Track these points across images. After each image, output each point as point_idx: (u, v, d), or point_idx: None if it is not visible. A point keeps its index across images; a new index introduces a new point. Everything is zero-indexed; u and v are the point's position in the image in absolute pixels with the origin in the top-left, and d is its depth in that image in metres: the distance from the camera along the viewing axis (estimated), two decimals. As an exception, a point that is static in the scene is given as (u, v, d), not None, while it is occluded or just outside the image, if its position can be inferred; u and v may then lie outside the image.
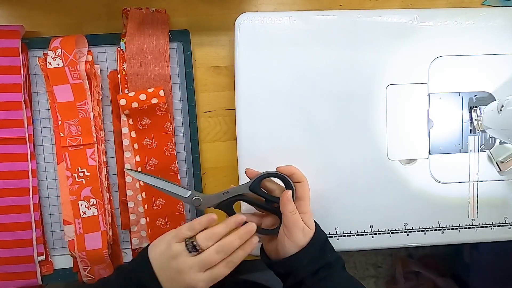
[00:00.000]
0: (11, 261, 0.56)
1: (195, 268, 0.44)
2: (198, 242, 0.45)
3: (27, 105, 0.56)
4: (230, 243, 0.46)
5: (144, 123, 0.56)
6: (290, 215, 0.48)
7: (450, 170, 0.58)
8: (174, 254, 0.45)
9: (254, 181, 0.50)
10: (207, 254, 0.45)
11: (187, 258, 0.45)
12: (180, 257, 0.45)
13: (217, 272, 0.46)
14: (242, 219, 0.47)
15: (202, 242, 0.45)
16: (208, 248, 0.45)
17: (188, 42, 0.58)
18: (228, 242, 0.46)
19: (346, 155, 0.57)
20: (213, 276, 0.45)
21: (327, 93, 0.57)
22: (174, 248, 0.45)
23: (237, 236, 0.46)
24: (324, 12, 0.56)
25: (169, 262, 0.45)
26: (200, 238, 0.45)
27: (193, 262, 0.44)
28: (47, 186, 0.57)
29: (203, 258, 0.45)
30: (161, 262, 0.45)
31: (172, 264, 0.45)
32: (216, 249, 0.45)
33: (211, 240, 0.45)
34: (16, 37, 0.54)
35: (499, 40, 0.58)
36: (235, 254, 0.46)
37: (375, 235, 0.58)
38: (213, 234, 0.45)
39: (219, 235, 0.46)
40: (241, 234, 0.46)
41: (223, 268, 0.46)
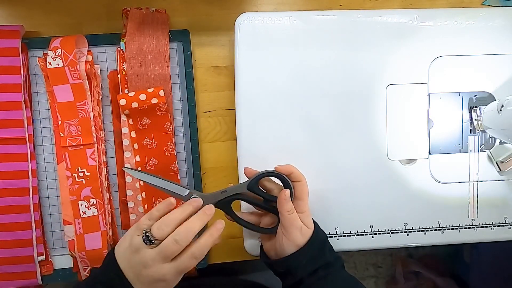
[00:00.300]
0: (11, 261, 0.56)
1: (157, 260, 0.42)
2: (153, 232, 0.42)
3: (27, 105, 0.56)
4: (188, 228, 0.43)
5: (144, 123, 0.56)
6: (287, 214, 0.48)
7: (450, 170, 0.58)
8: (135, 248, 0.43)
9: (252, 180, 0.50)
10: (164, 244, 0.42)
11: (148, 250, 0.42)
12: (141, 251, 0.42)
13: (181, 263, 0.43)
14: (199, 201, 0.45)
15: (155, 232, 0.42)
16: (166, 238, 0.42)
17: (188, 42, 0.58)
18: (185, 228, 0.43)
19: (346, 155, 0.57)
20: (179, 268, 0.43)
21: (327, 93, 0.57)
22: (134, 242, 0.43)
23: (196, 218, 0.44)
24: (324, 12, 0.56)
25: (133, 257, 0.43)
26: (154, 228, 0.42)
27: (153, 254, 0.42)
28: (47, 186, 0.57)
29: (162, 249, 0.42)
30: (126, 259, 0.43)
31: (135, 259, 0.43)
32: (174, 237, 0.42)
33: (165, 227, 0.42)
34: (16, 37, 0.54)
35: (499, 40, 0.58)
36: (199, 243, 0.44)
37: (375, 235, 0.58)
38: (167, 221, 0.43)
39: (174, 221, 0.43)
40: (199, 216, 0.44)
41: (188, 259, 0.43)
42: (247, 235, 0.57)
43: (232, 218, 0.51)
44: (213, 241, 0.45)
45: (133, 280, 0.43)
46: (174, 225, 0.43)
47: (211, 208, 0.46)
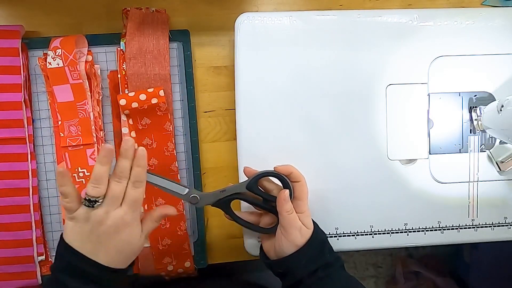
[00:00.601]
0: (11, 261, 0.56)
1: (109, 208, 0.43)
2: (90, 194, 0.42)
3: (27, 105, 0.56)
4: (122, 166, 0.44)
5: (144, 123, 0.56)
6: (286, 214, 0.48)
7: (450, 170, 0.58)
8: (83, 218, 0.43)
9: (251, 180, 0.50)
10: (110, 190, 0.43)
11: (97, 210, 0.43)
12: (91, 215, 0.43)
13: (130, 197, 0.44)
14: (109, 148, 0.43)
15: (93, 192, 0.42)
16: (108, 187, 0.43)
17: (188, 42, 0.58)
18: (119, 168, 0.44)
19: (346, 155, 0.57)
20: (131, 202, 0.44)
21: (327, 93, 0.57)
22: (79, 215, 0.43)
23: (121, 157, 0.44)
24: (324, 12, 0.56)
25: (85, 227, 0.43)
26: (89, 190, 0.43)
27: (104, 207, 0.43)
28: (47, 186, 0.57)
29: (110, 196, 0.43)
30: (79, 236, 0.43)
31: (88, 227, 0.43)
32: (115, 180, 0.43)
33: (99, 184, 0.43)
34: (16, 37, 0.54)
35: (499, 40, 0.58)
36: (134, 172, 0.45)
37: (375, 235, 0.58)
38: (98, 179, 0.43)
39: (103, 176, 0.43)
40: (123, 155, 0.44)
41: (132, 190, 0.44)
42: (247, 235, 0.57)
43: (231, 218, 0.52)
44: (143, 168, 0.45)
45: (93, 253, 0.43)
46: (105, 179, 0.43)
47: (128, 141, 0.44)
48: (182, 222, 0.57)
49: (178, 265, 0.58)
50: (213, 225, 0.61)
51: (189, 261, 0.58)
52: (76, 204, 0.44)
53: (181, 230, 0.57)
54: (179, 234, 0.57)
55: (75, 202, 0.44)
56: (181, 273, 0.59)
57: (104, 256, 0.43)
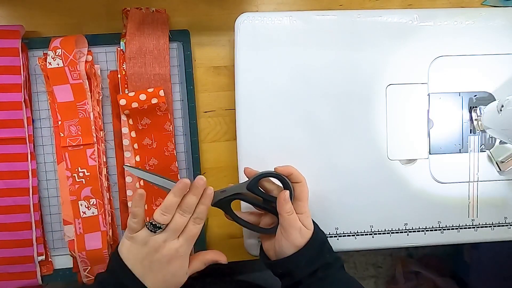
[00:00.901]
0: (11, 261, 0.56)
1: (168, 238, 0.45)
2: (157, 219, 0.45)
3: (27, 105, 0.56)
4: (189, 202, 0.46)
5: (144, 123, 0.56)
6: (286, 215, 0.48)
7: (450, 170, 0.58)
8: (142, 241, 0.45)
9: (251, 180, 0.50)
10: (174, 221, 0.46)
11: (157, 236, 0.45)
12: (150, 240, 0.45)
13: (189, 232, 0.46)
14: (186, 183, 0.46)
15: (160, 218, 0.45)
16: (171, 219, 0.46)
17: (188, 42, 0.58)
18: (186, 202, 0.46)
19: (346, 155, 0.57)
20: (188, 237, 0.46)
21: (327, 93, 0.57)
22: (139, 237, 0.45)
23: (191, 194, 0.46)
24: (324, 12, 0.56)
25: (142, 250, 0.45)
26: (157, 216, 0.45)
27: (164, 235, 0.45)
28: (47, 186, 0.57)
29: (173, 227, 0.45)
30: (134, 256, 0.45)
31: (144, 250, 0.45)
32: (180, 212, 0.46)
33: (168, 212, 0.45)
34: (16, 37, 0.54)
35: (499, 40, 0.58)
36: (198, 210, 0.47)
37: (375, 235, 0.58)
38: (168, 207, 0.45)
39: (173, 206, 0.46)
40: (194, 192, 0.46)
41: (193, 226, 0.47)
42: (247, 235, 0.57)
43: (232, 218, 0.51)
44: (207, 207, 0.48)
45: (143, 276, 0.45)
46: (174, 209, 0.46)
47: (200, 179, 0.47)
48: (182, 222, 0.57)
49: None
50: (213, 225, 0.61)
51: (189, 261, 0.58)
52: (140, 226, 0.46)
53: None
54: None
55: (140, 223, 0.46)
56: (181, 273, 0.59)
57: (151, 283, 0.45)
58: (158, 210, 0.45)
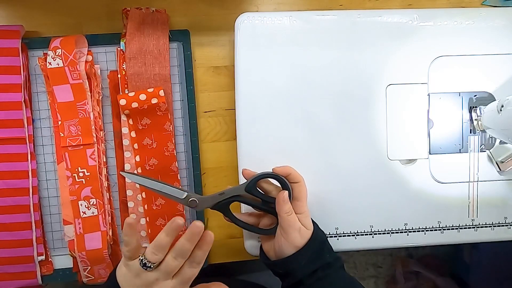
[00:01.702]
0: (11, 261, 0.56)
1: (160, 278, 0.43)
2: (148, 258, 0.43)
3: (27, 105, 0.56)
4: (182, 246, 0.43)
5: (144, 123, 0.56)
6: (285, 216, 0.48)
7: (450, 170, 0.58)
8: (135, 272, 0.44)
9: (249, 182, 0.50)
10: (165, 264, 0.43)
11: (148, 273, 0.43)
12: (142, 274, 0.44)
13: (185, 274, 0.44)
14: (178, 224, 0.43)
15: (151, 257, 0.43)
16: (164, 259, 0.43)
17: (188, 42, 0.58)
18: (180, 246, 0.44)
19: (346, 155, 0.57)
20: (183, 280, 0.44)
21: (327, 93, 0.57)
22: (133, 267, 0.44)
23: (185, 239, 0.44)
24: (324, 12, 0.56)
25: (134, 280, 0.44)
26: (148, 254, 0.43)
27: (156, 274, 0.43)
28: (47, 186, 0.57)
29: (164, 269, 0.43)
30: (127, 283, 0.44)
31: (137, 282, 0.44)
32: (173, 255, 0.43)
33: (158, 252, 0.43)
34: (16, 37, 0.54)
35: (499, 40, 0.58)
36: (195, 254, 0.44)
37: (375, 235, 0.58)
38: (158, 247, 0.43)
39: (165, 246, 0.43)
40: (188, 237, 0.44)
41: (189, 269, 0.44)
42: (247, 236, 0.57)
43: (231, 220, 0.51)
44: (205, 253, 0.45)
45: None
46: (166, 248, 0.43)
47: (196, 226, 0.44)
48: (182, 222, 0.57)
49: (178, 265, 0.58)
50: (213, 225, 0.61)
51: (189, 261, 0.58)
52: (134, 255, 0.44)
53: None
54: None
55: (133, 252, 0.44)
56: (181, 273, 0.59)
57: None
58: (150, 248, 0.43)
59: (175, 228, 0.43)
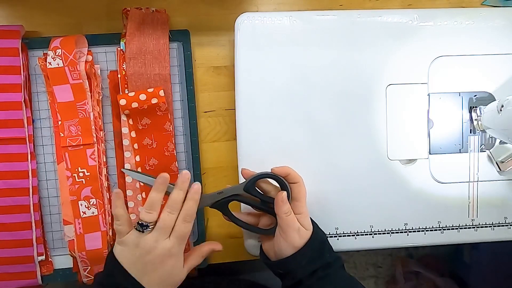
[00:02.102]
0: (11, 261, 0.56)
1: (159, 238, 0.45)
2: (143, 218, 0.45)
3: (27, 105, 0.56)
4: (174, 199, 0.46)
5: (144, 123, 0.56)
6: (284, 216, 0.48)
7: (450, 170, 0.58)
8: (133, 243, 0.45)
9: (248, 182, 0.50)
10: (162, 220, 0.45)
11: (147, 236, 0.45)
12: (140, 241, 0.45)
13: (179, 231, 0.46)
14: (165, 177, 0.46)
15: (146, 217, 0.45)
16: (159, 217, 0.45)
17: (188, 42, 0.58)
18: (172, 199, 0.46)
19: (346, 155, 0.57)
20: (179, 236, 0.46)
21: (327, 93, 0.57)
22: (129, 240, 0.45)
23: (177, 189, 0.46)
24: (324, 12, 0.56)
25: (133, 252, 0.45)
26: (143, 215, 0.45)
27: (154, 235, 0.45)
28: (47, 186, 0.57)
29: (161, 226, 0.45)
30: (127, 260, 0.45)
31: (137, 252, 0.45)
32: (167, 211, 0.45)
33: (153, 210, 0.45)
34: (16, 37, 0.54)
35: (499, 40, 0.58)
36: (186, 206, 0.46)
37: (375, 235, 0.58)
38: (151, 204, 0.45)
39: (157, 203, 0.45)
40: (179, 186, 0.46)
41: (183, 224, 0.46)
42: (247, 235, 0.57)
43: (230, 219, 0.51)
44: (195, 203, 0.47)
45: (139, 277, 0.45)
46: (158, 205, 0.45)
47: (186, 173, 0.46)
48: (182, 222, 0.57)
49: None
50: (213, 225, 0.61)
51: (189, 261, 0.58)
52: (127, 228, 0.46)
53: None
54: None
55: (125, 225, 0.46)
56: (181, 273, 0.59)
57: (147, 283, 0.45)
58: (143, 209, 0.45)
59: (163, 182, 0.45)
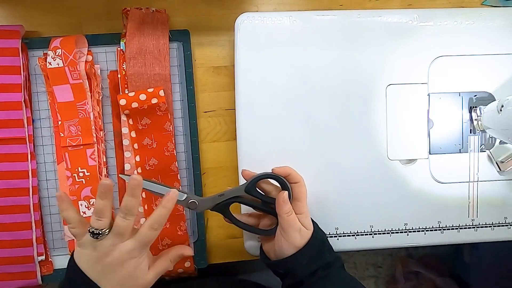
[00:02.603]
0: (11, 261, 0.56)
1: (115, 242, 0.43)
2: (94, 226, 0.42)
3: (27, 105, 0.56)
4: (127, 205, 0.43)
5: (144, 123, 0.56)
6: (285, 216, 0.48)
7: (450, 170, 0.58)
8: (90, 246, 0.43)
9: (249, 183, 0.50)
10: (115, 225, 0.42)
11: (102, 241, 0.42)
12: (97, 245, 0.42)
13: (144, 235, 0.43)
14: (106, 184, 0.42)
15: (95, 224, 0.42)
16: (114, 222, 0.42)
17: (188, 42, 0.58)
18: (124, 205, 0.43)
19: (346, 155, 0.57)
20: (142, 241, 0.43)
21: (327, 93, 0.57)
22: (86, 243, 0.43)
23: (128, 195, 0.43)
24: (324, 12, 0.56)
25: (91, 255, 0.43)
26: (93, 223, 0.42)
27: (109, 239, 0.42)
28: (47, 186, 0.57)
29: (116, 232, 0.42)
30: (85, 263, 0.43)
31: (94, 255, 0.43)
32: (119, 215, 0.43)
33: (102, 215, 0.42)
34: (16, 37, 0.54)
35: (499, 40, 0.58)
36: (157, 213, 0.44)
37: (375, 235, 0.58)
38: (98, 212, 0.42)
39: (105, 208, 0.42)
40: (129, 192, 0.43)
41: (148, 231, 0.44)
42: (247, 236, 0.57)
43: (231, 221, 0.51)
44: (167, 211, 0.45)
45: (98, 280, 0.43)
46: (106, 211, 0.43)
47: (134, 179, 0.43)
48: (182, 222, 0.57)
49: (178, 265, 0.58)
50: (213, 225, 0.61)
51: (189, 261, 0.58)
52: (82, 230, 0.44)
53: (181, 230, 0.57)
54: (179, 234, 0.57)
55: (80, 227, 0.44)
56: (181, 273, 0.59)
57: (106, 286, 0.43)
58: (92, 217, 0.43)
59: (105, 190, 0.42)
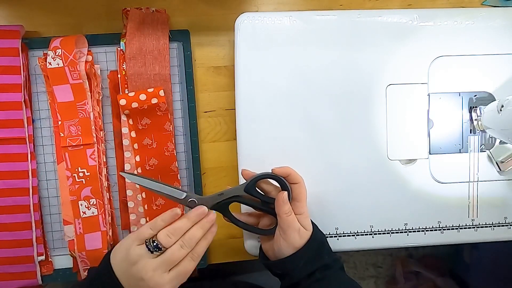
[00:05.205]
0: (11, 261, 0.56)
1: (159, 270, 0.41)
2: (160, 240, 0.42)
3: (27, 105, 0.56)
4: (193, 235, 0.43)
5: (144, 123, 0.56)
6: (285, 216, 0.48)
7: (450, 170, 0.58)
8: (133, 259, 0.42)
9: (249, 183, 0.50)
10: (171, 252, 0.42)
11: (149, 261, 0.41)
12: (140, 262, 0.41)
13: (183, 268, 0.43)
14: (204, 210, 0.44)
15: (164, 239, 0.42)
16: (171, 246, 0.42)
17: (188, 42, 0.58)
18: (191, 235, 0.43)
19: (346, 155, 0.57)
20: (180, 274, 0.43)
21: (327, 93, 0.57)
22: (133, 253, 0.42)
23: (199, 226, 0.44)
24: (324, 12, 0.56)
25: (130, 269, 0.42)
26: (162, 236, 0.42)
27: (156, 263, 0.41)
28: (47, 186, 0.57)
29: (167, 257, 0.42)
30: (122, 269, 0.42)
31: (133, 271, 0.41)
32: (180, 244, 0.42)
33: (174, 236, 0.42)
34: (16, 37, 0.54)
35: (499, 40, 0.58)
36: (198, 246, 0.44)
37: (375, 235, 0.58)
38: (176, 230, 0.42)
39: (182, 230, 0.43)
40: (203, 224, 0.44)
41: (188, 262, 0.43)
42: (247, 236, 0.57)
43: (230, 220, 0.51)
44: (207, 244, 0.45)
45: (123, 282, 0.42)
46: (181, 233, 0.43)
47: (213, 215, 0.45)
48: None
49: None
50: (213, 225, 0.61)
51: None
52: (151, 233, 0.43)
53: None
54: None
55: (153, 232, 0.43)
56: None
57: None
58: (165, 231, 0.42)
59: (201, 214, 0.44)
